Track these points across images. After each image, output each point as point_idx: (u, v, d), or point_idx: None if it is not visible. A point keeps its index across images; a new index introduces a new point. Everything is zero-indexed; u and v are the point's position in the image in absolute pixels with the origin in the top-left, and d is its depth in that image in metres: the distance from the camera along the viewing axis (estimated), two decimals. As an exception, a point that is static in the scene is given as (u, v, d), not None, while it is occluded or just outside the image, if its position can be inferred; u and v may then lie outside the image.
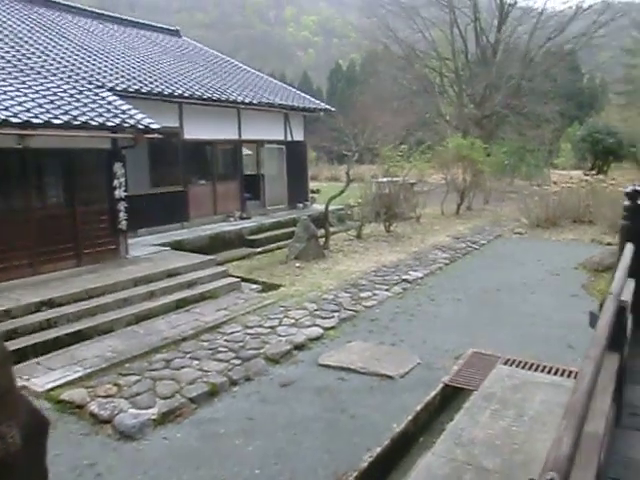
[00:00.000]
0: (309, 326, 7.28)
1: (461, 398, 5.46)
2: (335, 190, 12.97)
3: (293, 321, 7.46)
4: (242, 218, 13.34)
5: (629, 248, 3.83)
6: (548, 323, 7.38)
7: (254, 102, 13.41)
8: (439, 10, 29.04)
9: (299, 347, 6.67)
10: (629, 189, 4.15)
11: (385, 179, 14.87)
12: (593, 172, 21.17)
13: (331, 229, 13.34)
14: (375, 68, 35.98)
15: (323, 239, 11.96)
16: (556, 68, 29.56)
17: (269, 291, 9.06)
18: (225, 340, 6.79)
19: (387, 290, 8.99)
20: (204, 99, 12.01)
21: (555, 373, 5.78)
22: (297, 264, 10.59)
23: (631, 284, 4.03)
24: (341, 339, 6.97)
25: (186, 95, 11.61)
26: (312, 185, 26.56)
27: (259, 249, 12.08)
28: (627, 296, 3.60)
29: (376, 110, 24.02)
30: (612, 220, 13.01)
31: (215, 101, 12.30)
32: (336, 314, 7.77)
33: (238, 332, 7.07)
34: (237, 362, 6.14)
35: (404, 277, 9.68)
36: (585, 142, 27.37)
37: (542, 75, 28.92)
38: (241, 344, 6.65)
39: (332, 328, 7.30)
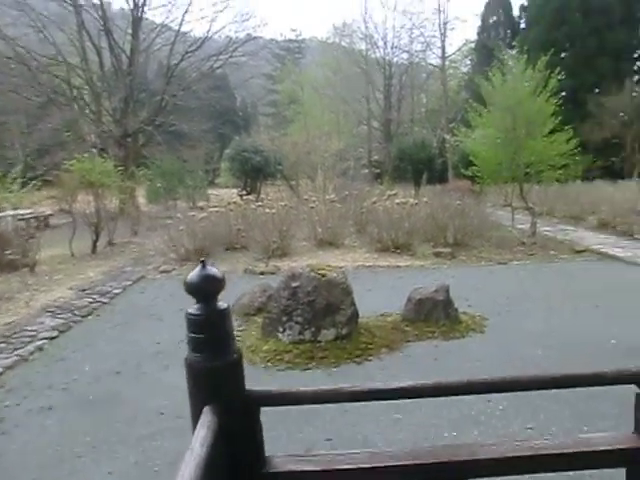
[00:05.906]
0: None
1: None
2: None
3: None
4: None
5: (205, 434, 1.31)
6: (177, 432, 4.66)
7: None
8: (60, 7, 24.57)
9: None
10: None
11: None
12: (244, 192, 20.68)
13: None
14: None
15: None
16: (200, 85, 28.69)
17: None
18: None
19: None
20: None
21: None
22: None
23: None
24: None
25: None
26: None
27: None
28: None
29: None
30: (263, 244, 12.86)
31: None
32: None
33: None
34: None
35: (-37, 384, 6.01)
36: (235, 161, 27.30)
37: (186, 92, 27.62)
38: None
39: None
